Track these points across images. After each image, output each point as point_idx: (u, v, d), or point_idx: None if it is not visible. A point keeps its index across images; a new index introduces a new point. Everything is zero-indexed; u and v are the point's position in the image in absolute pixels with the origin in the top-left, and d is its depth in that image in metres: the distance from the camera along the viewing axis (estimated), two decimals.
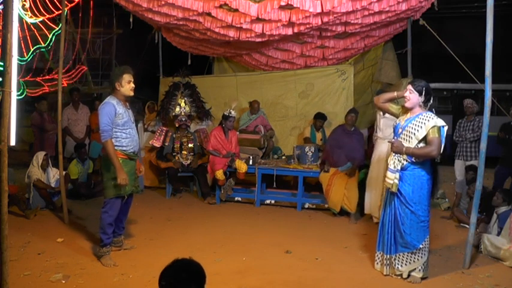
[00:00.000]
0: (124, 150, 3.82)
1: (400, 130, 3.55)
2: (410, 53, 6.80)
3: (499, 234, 4.42)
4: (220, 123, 6.36)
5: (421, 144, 3.42)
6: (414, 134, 3.42)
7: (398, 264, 3.60)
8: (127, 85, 3.80)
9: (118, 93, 3.82)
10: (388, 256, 3.66)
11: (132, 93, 3.86)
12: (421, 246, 3.52)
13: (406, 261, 3.57)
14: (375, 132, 5.51)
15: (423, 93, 3.45)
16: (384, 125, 5.24)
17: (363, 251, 4.34)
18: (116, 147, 3.76)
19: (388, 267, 3.68)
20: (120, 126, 3.77)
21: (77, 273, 3.57)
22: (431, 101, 3.51)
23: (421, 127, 3.40)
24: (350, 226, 5.30)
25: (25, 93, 7.89)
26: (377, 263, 3.79)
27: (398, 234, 3.57)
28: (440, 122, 3.39)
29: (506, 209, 4.52)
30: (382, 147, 5.20)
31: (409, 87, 3.50)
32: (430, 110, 3.51)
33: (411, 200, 3.48)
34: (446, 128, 3.41)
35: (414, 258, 3.54)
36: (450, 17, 12.92)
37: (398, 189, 3.50)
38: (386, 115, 5.12)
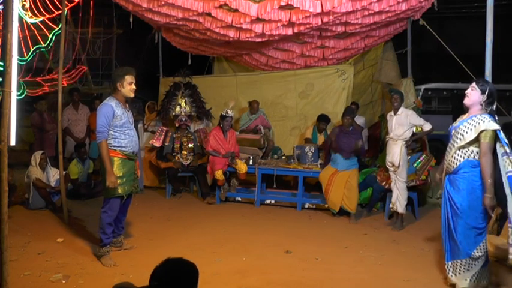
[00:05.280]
0: (123, 151, 3.83)
1: (453, 131, 3.38)
2: (410, 53, 6.80)
3: (499, 233, 4.41)
4: (219, 124, 6.36)
5: (472, 147, 3.24)
6: (463, 135, 3.25)
7: (451, 272, 3.41)
8: (128, 86, 3.81)
9: (118, 93, 3.83)
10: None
11: (132, 95, 3.91)
12: (475, 254, 3.28)
13: (459, 269, 3.37)
14: (387, 135, 5.38)
15: (486, 93, 3.26)
16: (397, 123, 5.08)
17: (363, 251, 4.33)
18: (115, 148, 3.79)
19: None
20: (118, 127, 3.78)
21: (77, 273, 3.57)
22: (493, 106, 3.32)
23: (471, 129, 3.21)
24: (350, 226, 5.30)
25: (25, 93, 7.89)
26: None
27: (452, 242, 3.39)
28: (492, 125, 3.14)
29: None
30: (394, 150, 5.05)
31: (473, 84, 3.32)
32: (491, 114, 3.27)
33: (461, 206, 3.28)
34: (501, 132, 3.15)
35: (468, 266, 3.33)
36: (450, 17, 12.94)
37: (449, 196, 3.34)
38: (399, 113, 5.09)
